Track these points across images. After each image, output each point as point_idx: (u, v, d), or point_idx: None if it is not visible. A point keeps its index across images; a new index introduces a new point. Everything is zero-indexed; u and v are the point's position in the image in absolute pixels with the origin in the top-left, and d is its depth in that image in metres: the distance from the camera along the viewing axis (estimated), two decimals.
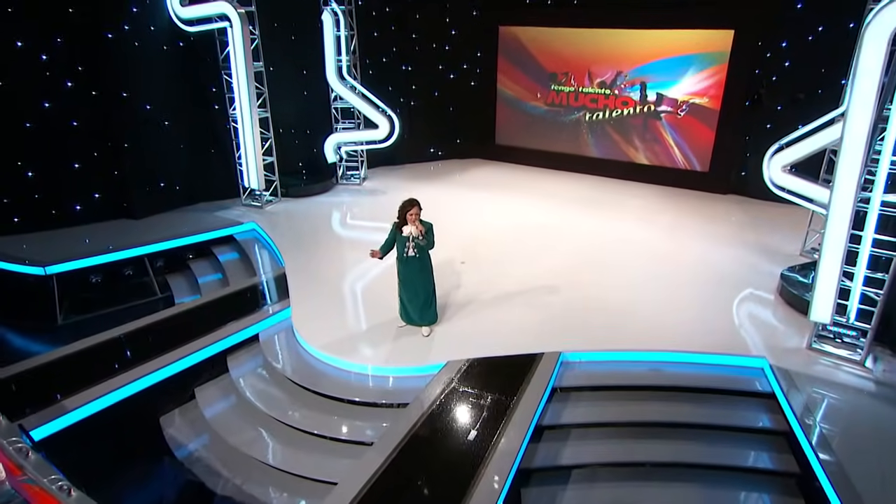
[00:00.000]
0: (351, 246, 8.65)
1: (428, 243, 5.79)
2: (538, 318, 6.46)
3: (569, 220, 9.40)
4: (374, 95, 10.76)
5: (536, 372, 5.48)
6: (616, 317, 6.49)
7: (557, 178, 11.97)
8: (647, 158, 11.88)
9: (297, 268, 7.68)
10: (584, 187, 11.36)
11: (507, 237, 8.69)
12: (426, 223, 5.81)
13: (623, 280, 7.37)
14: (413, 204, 5.68)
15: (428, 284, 5.90)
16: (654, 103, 11.44)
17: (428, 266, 5.86)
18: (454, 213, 9.68)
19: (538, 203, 10.27)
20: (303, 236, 8.88)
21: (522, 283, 7.24)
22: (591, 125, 12.25)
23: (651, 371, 5.78)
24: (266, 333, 6.51)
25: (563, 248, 8.30)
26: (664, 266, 7.79)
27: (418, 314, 6.04)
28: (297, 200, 10.61)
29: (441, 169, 12.86)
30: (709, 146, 11.06)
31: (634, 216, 9.65)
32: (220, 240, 9.01)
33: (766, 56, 10.22)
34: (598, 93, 11.97)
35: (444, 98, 13.07)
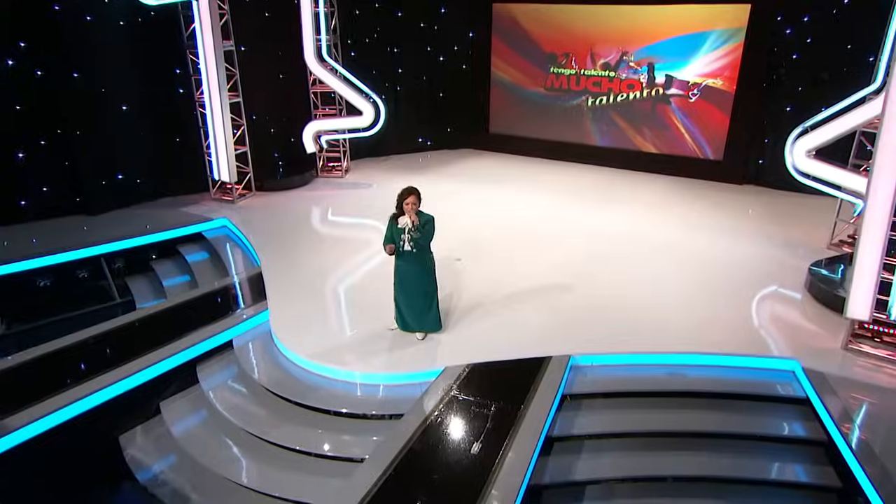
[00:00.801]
0: (333, 244, 8.59)
1: (423, 235, 5.65)
2: (543, 319, 6.43)
3: (572, 215, 9.43)
4: (356, 79, 10.66)
5: (544, 378, 5.42)
6: (629, 316, 6.47)
7: (558, 170, 11.97)
8: (655, 147, 11.88)
9: (274, 268, 7.62)
10: (588, 179, 11.38)
11: (506, 233, 8.70)
12: (425, 215, 5.73)
13: (634, 277, 7.38)
14: (410, 192, 5.60)
15: (428, 286, 5.84)
16: (662, 86, 11.42)
17: (428, 265, 5.80)
18: (446, 207, 9.49)
19: (537, 196, 10.28)
20: (280, 233, 8.81)
21: (524, 281, 7.24)
22: (594, 111, 12.25)
23: (670, 375, 5.72)
24: (241, 340, 6.42)
25: (567, 244, 8.32)
26: (678, 262, 7.80)
27: (416, 320, 5.98)
28: (274, 194, 10.56)
29: (430, 160, 12.82)
30: (723, 132, 11.04)
31: (643, 209, 9.68)
32: (187, 238, 8.90)
33: (786, 32, 10.19)
34: (602, 75, 11.96)
35: (433, 83, 13.05)
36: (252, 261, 8.19)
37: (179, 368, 6.02)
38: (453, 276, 7.43)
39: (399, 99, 12.83)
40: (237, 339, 6.43)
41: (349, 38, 11.69)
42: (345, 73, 10.73)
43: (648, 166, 11.70)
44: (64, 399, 5.27)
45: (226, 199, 10.18)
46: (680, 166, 11.48)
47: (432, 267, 5.84)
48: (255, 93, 10.33)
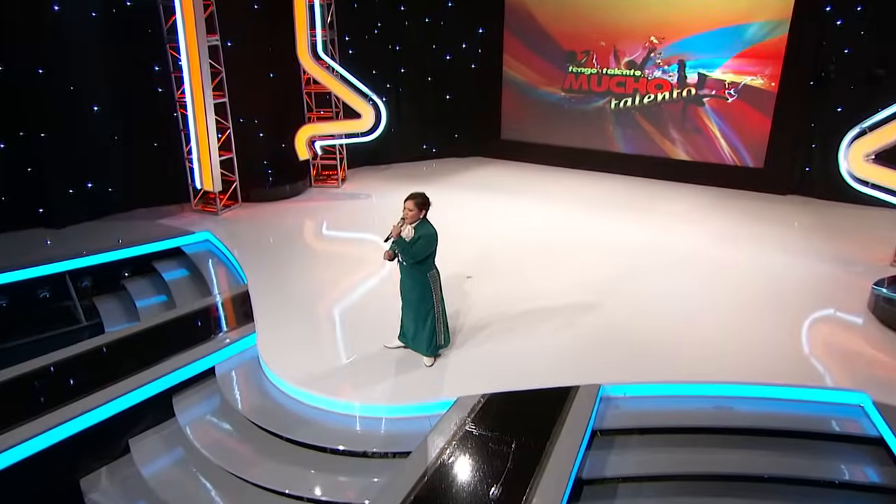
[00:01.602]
0: (328, 260, 8.57)
1: (402, 249, 5.56)
2: (566, 342, 6.37)
3: (594, 228, 9.45)
4: (355, 78, 10.68)
5: (571, 410, 5.30)
6: (665, 341, 6.38)
7: (577, 180, 12.00)
8: (686, 153, 11.87)
9: (262, 286, 7.59)
10: (611, 189, 11.40)
11: (520, 248, 8.72)
12: (424, 229, 5.64)
13: (666, 296, 7.33)
14: (411, 198, 5.55)
15: (419, 306, 5.81)
16: (695, 86, 11.40)
17: (420, 284, 5.75)
18: (454, 221, 9.56)
19: (555, 209, 10.31)
20: (269, 249, 8.83)
21: (543, 300, 7.22)
22: (618, 114, 12.24)
23: (717, 409, 5.56)
24: (224, 367, 6.32)
25: (589, 259, 8.34)
26: (717, 281, 7.76)
27: (409, 337, 6.06)
28: (262, 206, 10.58)
29: (436, 169, 12.88)
30: (764, 137, 10.97)
31: (674, 222, 9.69)
32: (164, 253, 8.86)
33: (836, 24, 10.08)
34: (627, 75, 11.94)
35: (438, 84, 13.09)
36: (238, 279, 8.12)
37: (153, 400, 5.87)
38: (463, 294, 7.41)
39: (401, 101, 12.84)
40: (220, 367, 6.31)
41: (347, 33, 11.72)
42: (342, 72, 10.73)
43: (679, 175, 11.69)
44: (16, 436, 5.12)
45: (209, 211, 10.15)
46: (714, 175, 11.46)
47: (428, 287, 5.78)
48: (243, 93, 10.33)
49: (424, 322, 5.87)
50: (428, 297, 5.83)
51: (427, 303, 5.83)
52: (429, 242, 5.61)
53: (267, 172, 11.34)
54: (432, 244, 5.64)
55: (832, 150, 7.42)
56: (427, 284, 5.79)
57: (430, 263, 5.76)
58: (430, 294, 5.83)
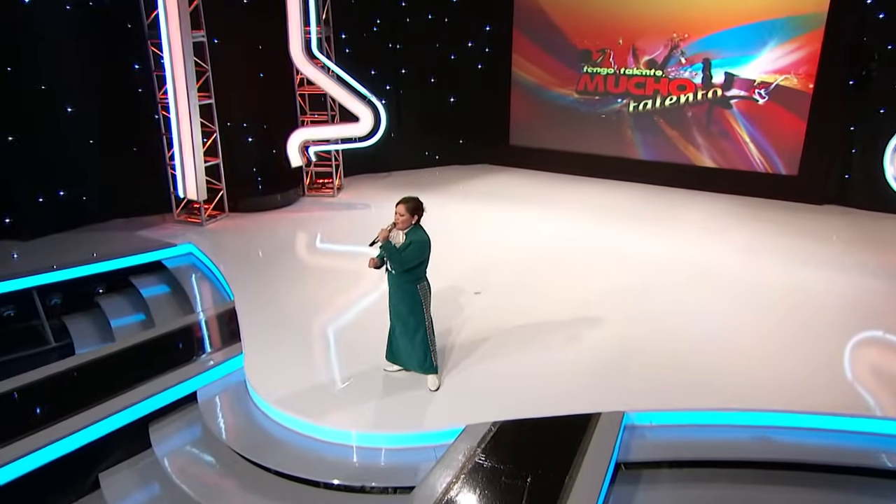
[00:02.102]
0: (322, 276, 8.56)
1: (390, 254, 5.54)
2: (584, 365, 6.32)
3: (611, 240, 9.47)
4: (352, 79, 10.67)
5: (593, 440, 5.21)
6: (693, 364, 6.31)
7: (592, 189, 12.04)
8: (712, 160, 11.84)
9: (250, 303, 7.55)
10: (629, 199, 11.41)
11: (532, 262, 8.73)
12: (416, 234, 5.59)
13: (695, 315, 7.28)
14: (403, 202, 5.54)
15: (408, 318, 5.82)
16: (721, 86, 11.37)
17: (408, 292, 5.73)
18: (459, 232, 9.71)
19: (568, 219, 10.34)
20: (258, 263, 8.83)
21: (557, 318, 7.20)
22: (638, 118, 12.22)
23: (756, 440, 5.44)
24: (207, 392, 6.22)
25: (606, 274, 8.35)
26: (747, 298, 7.69)
27: (396, 351, 6.08)
28: (251, 216, 10.58)
29: (440, 177, 12.92)
30: (798, 141, 10.88)
31: (698, 235, 9.66)
32: (143, 268, 8.84)
33: (878, 17, 9.97)
34: (647, 75, 11.93)
35: (442, 85, 13.09)
36: (223, 295, 8.08)
37: (126, 429, 5.77)
38: (469, 310, 7.39)
39: (402, 104, 12.83)
40: (202, 392, 6.22)
41: (343, 30, 11.71)
42: (338, 72, 10.72)
43: (703, 183, 11.69)
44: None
45: (192, 222, 10.14)
46: (743, 183, 11.41)
47: (417, 299, 5.76)
48: (231, 94, 10.34)
49: (414, 336, 5.85)
50: (418, 310, 5.79)
51: (417, 315, 5.80)
52: (420, 249, 5.57)
53: (256, 180, 11.32)
54: (424, 251, 5.61)
55: (875, 155, 7.27)
56: (416, 296, 5.76)
57: (421, 274, 5.74)
58: (421, 307, 5.79)
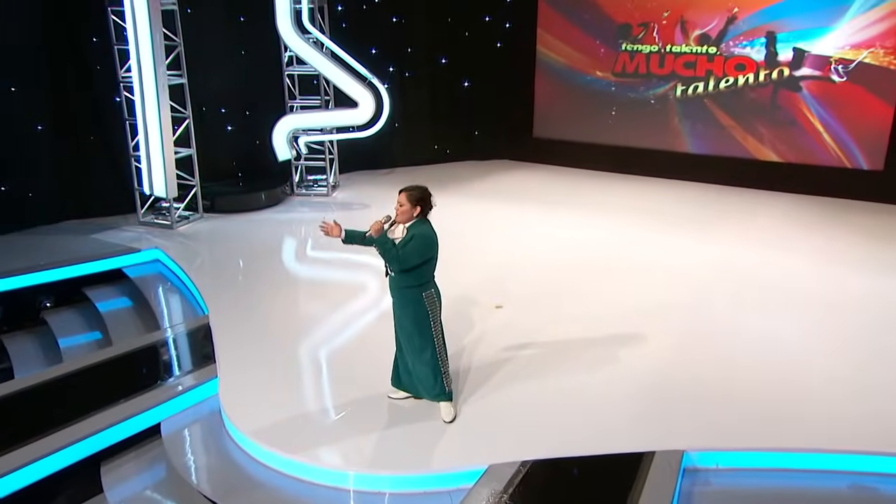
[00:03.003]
0: (313, 289, 8.60)
1: (385, 250, 5.32)
2: (628, 393, 6.21)
3: (655, 248, 9.49)
4: (350, 57, 10.70)
5: (645, 486, 5.01)
6: (764, 394, 6.14)
7: (633, 188, 12.09)
8: (777, 153, 11.77)
9: (228, 319, 7.52)
10: (677, 200, 11.43)
11: (559, 272, 8.78)
12: (419, 229, 5.43)
13: (760, 337, 7.14)
14: (406, 190, 5.42)
15: (412, 333, 5.67)
16: (788, 65, 11.27)
17: (411, 300, 5.58)
18: (473, 237, 9.80)
19: (603, 223, 10.38)
20: (238, 273, 8.87)
21: (593, 336, 7.16)
22: (686, 104, 12.20)
23: (853, 489, 5.24)
24: (173, 424, 6.08)
25: (649, 285, 8.36)
26: (829, 318, 7.53)
27: (409, 378, 5.96)
28: (230, 218, 10.63)
29: (451, 174, 12.93)
30: (883, 130, 10.77)
31: (761, 242, 9.62)
32: (100, 277, 8.77)
33: None
34: (698, 52, 11.88)
35: (454, 67, 13.18)
36: (195, 309, 8.05)
37: (74, 469, 5.60)
38: (488, 326, 7.36)
39: (407, 88, 12.87)
40: (167, 424, 6.07)
41: (340, 2, 11.80)
42: (333, 49, 10.73)
43: (767, 181, 11.67)
44: None
45: (161, 223, 10.13)
46: (816, 181, 11.39)
47: (423, 310, 5.60)
48: (206, 73, 10.34)
49: (421, 355, 5.71)
50: (424, 324, 5.63)
51: (423, 330, 5.65)
52: (423, 244, 5.35)
53: (237, 176, 11.34)
54: (429, 249, 5.41)
55: None
56: (422, 306, 5.58)
57: (427, 278, 5.55)
58: (428, 320, 5.62)
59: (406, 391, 6.04)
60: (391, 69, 12.58)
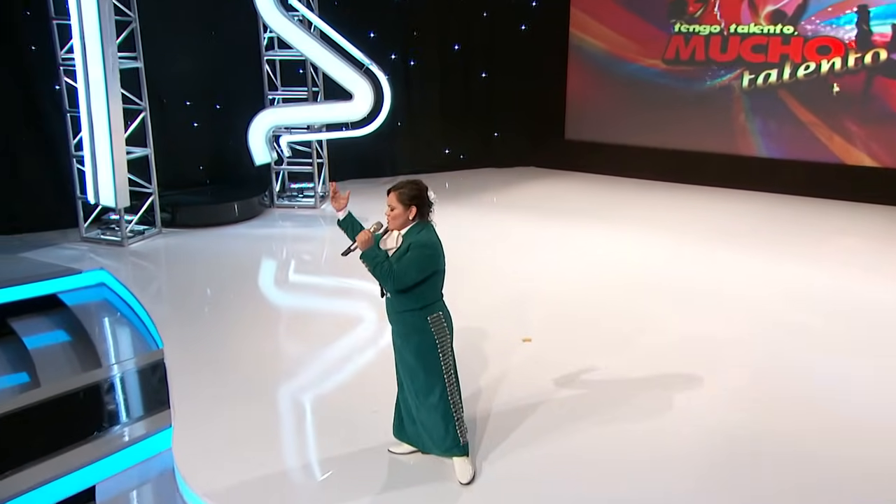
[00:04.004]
0: (296, 320, 8.59)
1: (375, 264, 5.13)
2: (687, 447, 6.06)
3: (715, 271, 9.53)
4: (343, 39, 10.76)
5: None
6: (862, 447, 5.98)
7: (686, 200, 12.13)
8: (871, 156, 11.70)
9: (187, 356, 7.42)
10: (743, 214, 11.45)
11: (598, 298, 8.82)
12: (417, 235, 5.23)
13: (847, 379, 7.03)
14: (396, 189, 5.20)
15: (416, 370, 5.45)
16: (886, 46, 11.19)
17: (415, 328, 5.35)
18: (493, 257, 9.87)
19: (652, 242, 10.43)
20: (202, 301, 8.82)
21: (639, 376, 7.07)
22: (756, 97, 12.18)
23: None
24: (112, 487, 5.85)
25: (711, 316, 8.32)
26: None
27: (413, 427, 5.80)
28: (195, 233, 10.69)
29: (466, 184, 13.03)
30: None
31: (849, 264, 9.62)
32: (30, 305, 8.73)
33: None
34: (770, 33, 11.86)
35: (470, 55, 13.35)
36: (148, 343, 7.92)
37: None
38: (512, 363, 7.28)
39: (412, 80, 13.01)
40: (105, 487, 5.83)
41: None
42: (323, 29, 10.79)
43: (859, 191, 11.57)
44: None
45: (109, 240, 10.07)
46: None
47: (429, 339, 5.35)
48: (167, 56, 10.42)
49: (428, 397, 5.50)
50: (430, 357, 5.36)
51: (430, 365, 5.39)
52: (424, 256, 5.10)
53: (205, 183, 11.36)
54: (431, 260, 5.14)
55: None
56: (427, 334, 5.31)
57: (432, 298, 5.29)
58: (435, 351, 5.35)
59: (411, 444, 5.87)
60: (393, 57, 12.63)
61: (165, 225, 10.49)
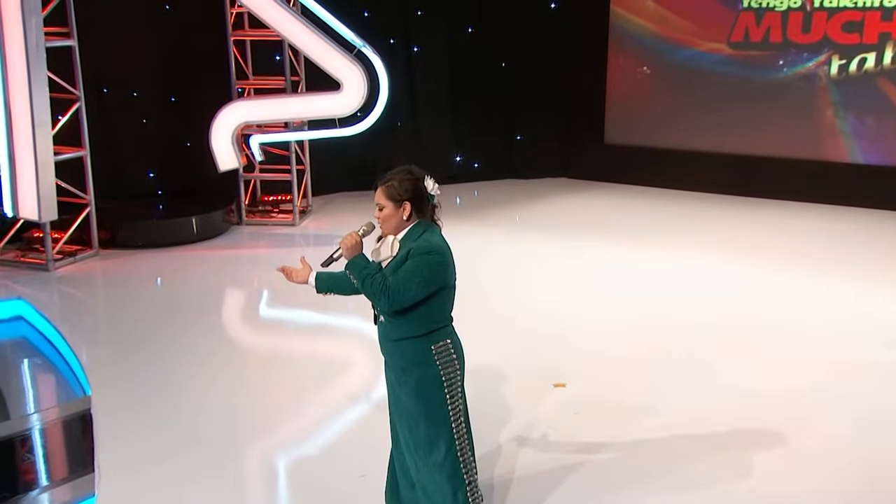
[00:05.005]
0: (268, 365, 8.48)
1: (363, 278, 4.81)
2: None
3: (796, 303, 9.45)
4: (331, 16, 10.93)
5: None
6: None
7: (759, 216, 12.30)
8: None
9: (121, 407, 7.25)
10: (831, 233, 11.56)
11: (645, 336, 8.70)
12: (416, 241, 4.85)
13: None
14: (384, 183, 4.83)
15: (415, 416, 5.13)
16: None
17: (415, 361, 5.01)
18: (516, 285, 9.89)
19: (714, 268, 10.49)
20: (148, 340, 8.71)
21: (704, 432, 6.91)
22: (847, 88, 12.22)
23: None
24: None
25: (794, 359, 8.17)
26: None
27: (405, 489, 5.54)
28: (142, 255, 10.79)
29: (482, 198, 13.36)
30: None
31: None
32: None
33: None
34: (865, 6, 11.87)
35: (487, 40, 13.57)
36: (71, 390, 7.50)
37: None
38: (539, 414, 7.13)
39: (415, 70, 13.23)
40: None
41: None
42: (306, 3, 10.98)
43: None
44: None
45: (31, 263, 10.16)
46: None
47: (434, 375, 4.99)
48: (109, 35, 10.72)
49: (429, 453, 5.14)
50: (435, 400, 5.03)
51: (434, 411, 5.06)
52: (428, 265, 4.76)
53: (156, 192, 11.65)
54: (438, 270, 4.80)
55: None
56: (431, 368, 4.98)
57: (438, 322, 4.96)
58: (441, 392, 5.02)
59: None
60: (392, 42, 12.77)
61: (104, 245, 10.45)
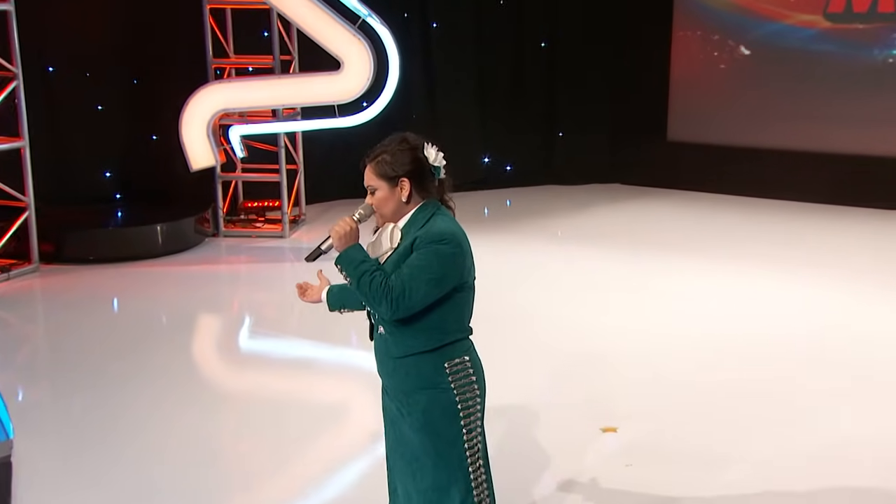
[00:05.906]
0: (250, 410, 8.26)
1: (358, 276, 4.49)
2: None
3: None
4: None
5: None
6: None
7: (863, 229, 12.41)
8: None
9: (52, 457, 7.11)
10: None
11: (717, 367, 8.55)
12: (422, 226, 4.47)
13: None
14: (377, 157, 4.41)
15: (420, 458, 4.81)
16: None
17: (415, 381, 4.68)
18: (555, 307, 9.86)
19: (805, 292, 10.37)
20: (97, 376, 8.48)
21: (794, 489, 6.55)
22: None
23: None
24: None
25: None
26: None
27: None
28: (95, 271, 10.88)
29: (517, 207, 13.71)
30: None
31: None
32: None
33: None
34: None
35: (521, 15, 13.99)
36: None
37: None
38: (586, 462, 6.93)
39: (433, 50, 13.62)
40: None
41: None
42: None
43: None
44: None
45: None
46: None
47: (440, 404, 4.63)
48: (55, 2, 11.06)
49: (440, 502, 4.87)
50: (448, 432, 4.70)
51: (447, 449, 4.71)
52: (440, 257, 4.37)
53: (113, 197, 11.93)
54: (454, 263, 4.43)
55: None
56: (443, 393, 4.65)
57: (453, 333, 4.59)
58: (457, 422, 4.69)
59: None
60: (406, 16, 13.09)
61: (46, 259, 10.54)
